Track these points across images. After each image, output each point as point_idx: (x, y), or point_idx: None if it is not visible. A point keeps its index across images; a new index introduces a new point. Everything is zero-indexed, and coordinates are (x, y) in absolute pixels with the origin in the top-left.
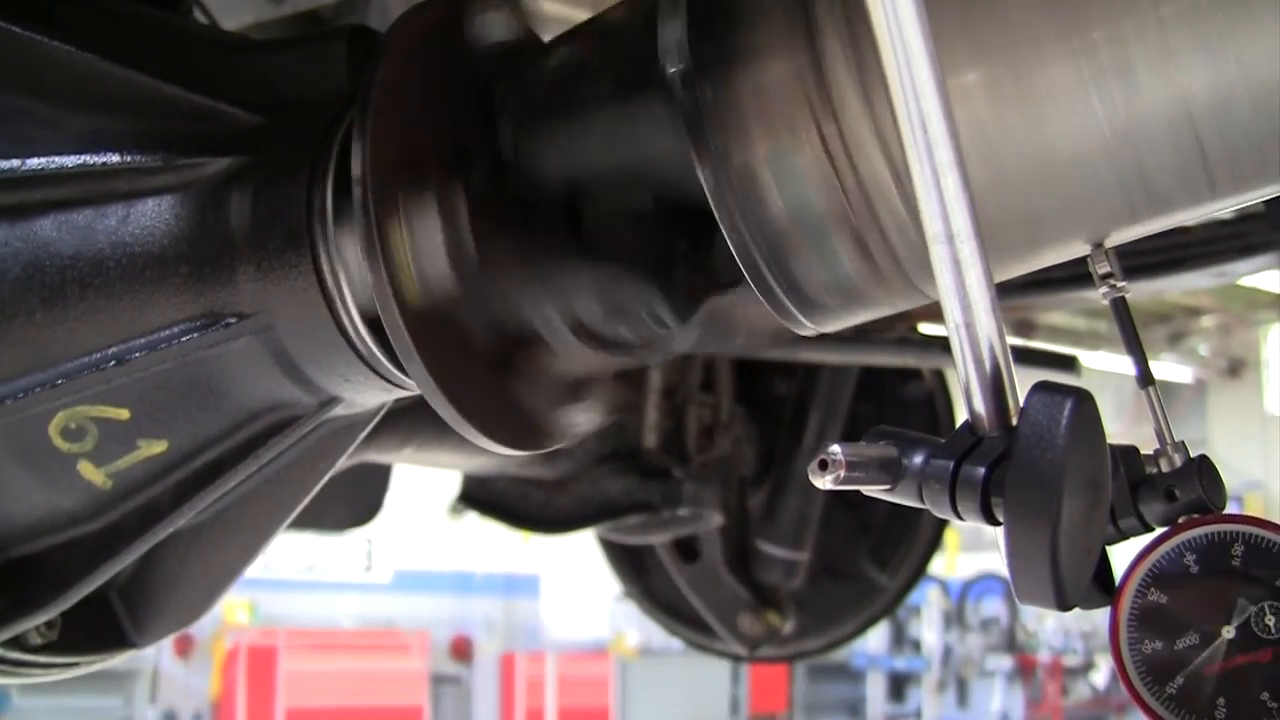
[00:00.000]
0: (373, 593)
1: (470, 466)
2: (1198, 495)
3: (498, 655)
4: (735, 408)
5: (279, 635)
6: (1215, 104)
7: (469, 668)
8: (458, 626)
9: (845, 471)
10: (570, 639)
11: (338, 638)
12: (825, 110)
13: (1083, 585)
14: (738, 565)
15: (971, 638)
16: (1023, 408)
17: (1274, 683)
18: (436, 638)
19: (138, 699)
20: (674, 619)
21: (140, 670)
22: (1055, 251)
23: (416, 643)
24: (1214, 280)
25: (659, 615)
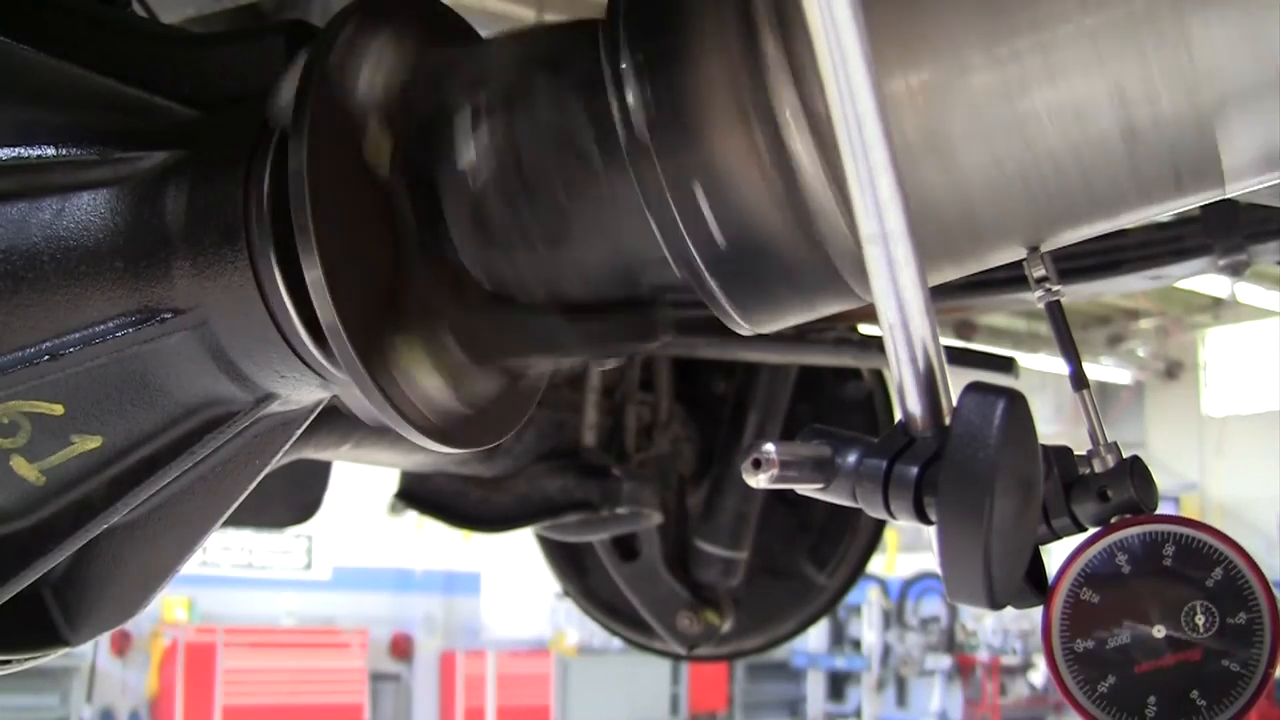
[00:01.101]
0: (312, 590)
1: (409, 464)
2: (1130, 496)
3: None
4: (674, 407)
5: (217, 633)
6: (1150, 111)
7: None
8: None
9: (779, 470)
10: (510, 637)
11: (277, 635)
12: (761, 112)
13: (1014, 584)
14: (676, 564)
15: (911, 637)
16: (955, 408)
17: (1204, 681)
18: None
19: (74, 697)
20: (612, 618)
21: (76, 668)
22: (991, 255)
23: (356, 640)
24: (1150, 283)
25: (597, 614)
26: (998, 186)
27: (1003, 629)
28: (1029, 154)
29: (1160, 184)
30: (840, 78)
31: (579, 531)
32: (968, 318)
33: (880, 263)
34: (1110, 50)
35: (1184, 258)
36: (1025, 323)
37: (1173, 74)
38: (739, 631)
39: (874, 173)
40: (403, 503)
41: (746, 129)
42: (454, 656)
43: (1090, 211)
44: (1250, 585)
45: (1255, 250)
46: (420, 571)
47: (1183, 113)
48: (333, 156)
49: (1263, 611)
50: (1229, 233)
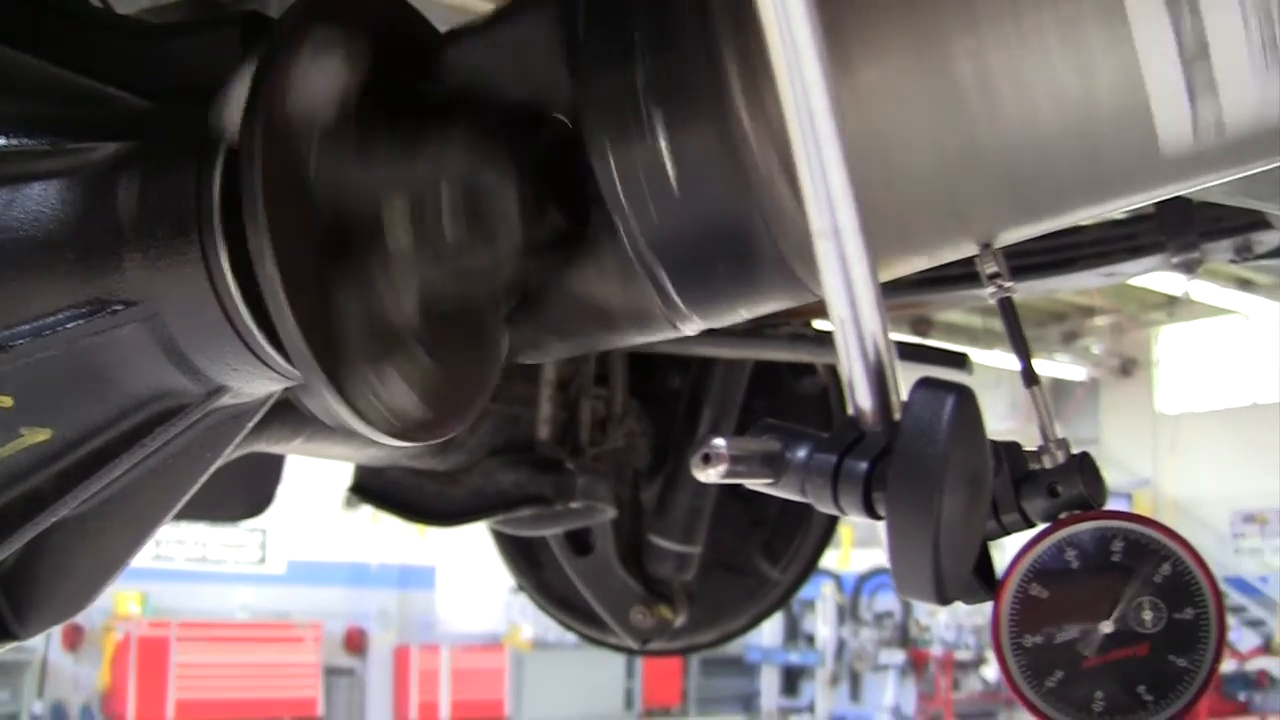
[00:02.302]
0: (266, 584)
1: (362, 458)
2: (1079, 492)
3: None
4: (629, 401)
5: (171, 627)
6: (1096, 108)
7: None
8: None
9: (728, 465)
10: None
11: (230, 630)
12: (715, 108)
13: (963, 579)
14: (630, 558)
15: (865, 632)
16: (905, 403)
17: (1151, 676)
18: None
19: (25, 692)
20: (566, 612)
21: (27, 662)
22: (944, 251)
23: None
24: (1104, 280)
25: (551, 608)
26: (949, 183)
27: (956, 624)
28: (979, 151)
29: (1109, 181)
30: (793, 74)
31: (533, 526)
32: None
33: (831, 257)
34: (1057, 48)
35: (1137, 255)
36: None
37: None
38: (692, 626)
39: (826, 168)
40: (357, 496)
41: (699, 124)
42: (408, 651)
43: (1041, 208)
44: (1197, 581)
45: (1208, 248)
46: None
47: (1129, 109)
48: (286, 149)
49: (1209, 607)
50: (1182, 230)
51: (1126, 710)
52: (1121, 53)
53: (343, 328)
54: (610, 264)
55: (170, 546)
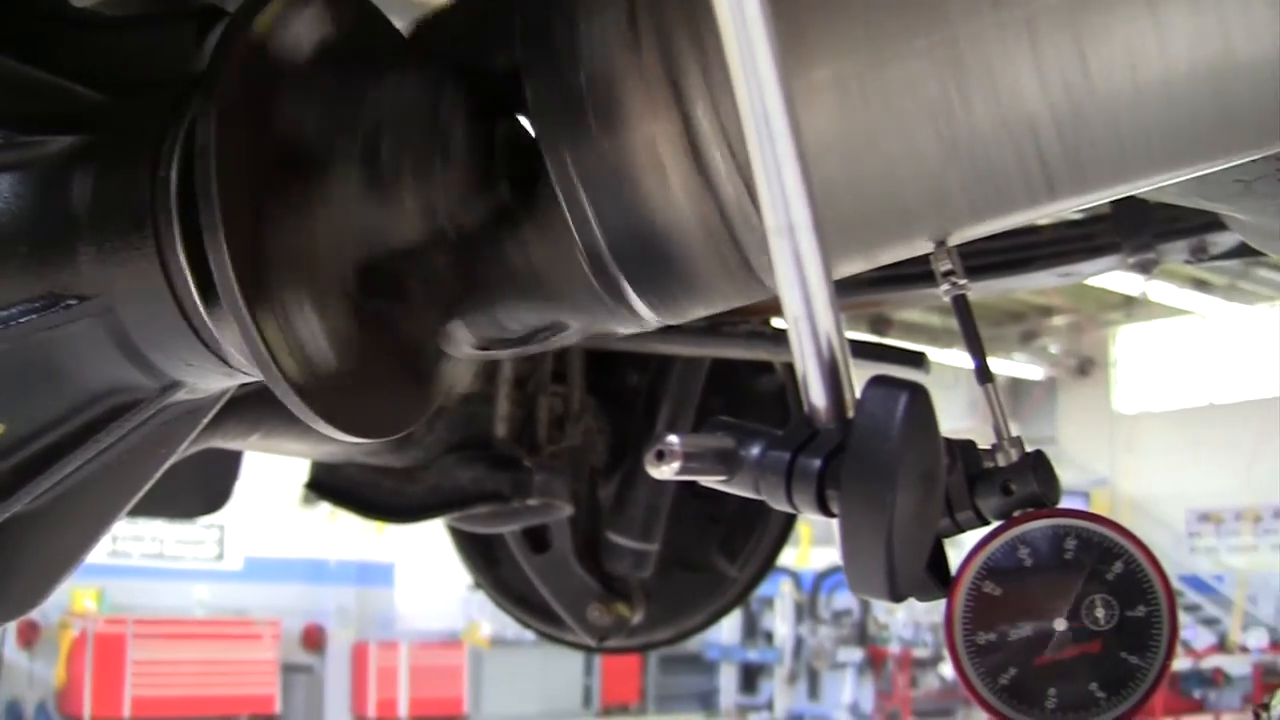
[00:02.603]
0: (224, 581)
1: (319, 454)
2: (1033, 490)
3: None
4: (587, 398)
5: (127, 623)
6: (1055, 108)
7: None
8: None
9: (682, 462)
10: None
11: (188, 626)
12: (672, 104)
13: (916, 576)
14: (587, 556)
15: (823, 630)
16: (859, 401)
17: (1103, 673)
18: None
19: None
20: (524, 609)
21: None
22: (898, 249)
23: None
24: (1060, 280)
25: (509, 605)
26: (904, 180)
27: (914, 622)
28: (935, 149)
29: (1066, 181)
30: (748, 71)
31: (490, 523)
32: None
33: (785, 255)
34: (1017, 46)
35: (1094, 255)
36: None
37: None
38: (650, 623)
39: (780, 165)
40: (313, 493)
41: (656, 121)
42: (367, 648)
43: (996, 207)
44: (1149, 579)
45: (1164, 249)
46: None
47: (1085, 109)
48: (243, 140)
49: (1161, 605)
50: (1138, 231)
51: (1079, 707)
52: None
53: (271, 268)
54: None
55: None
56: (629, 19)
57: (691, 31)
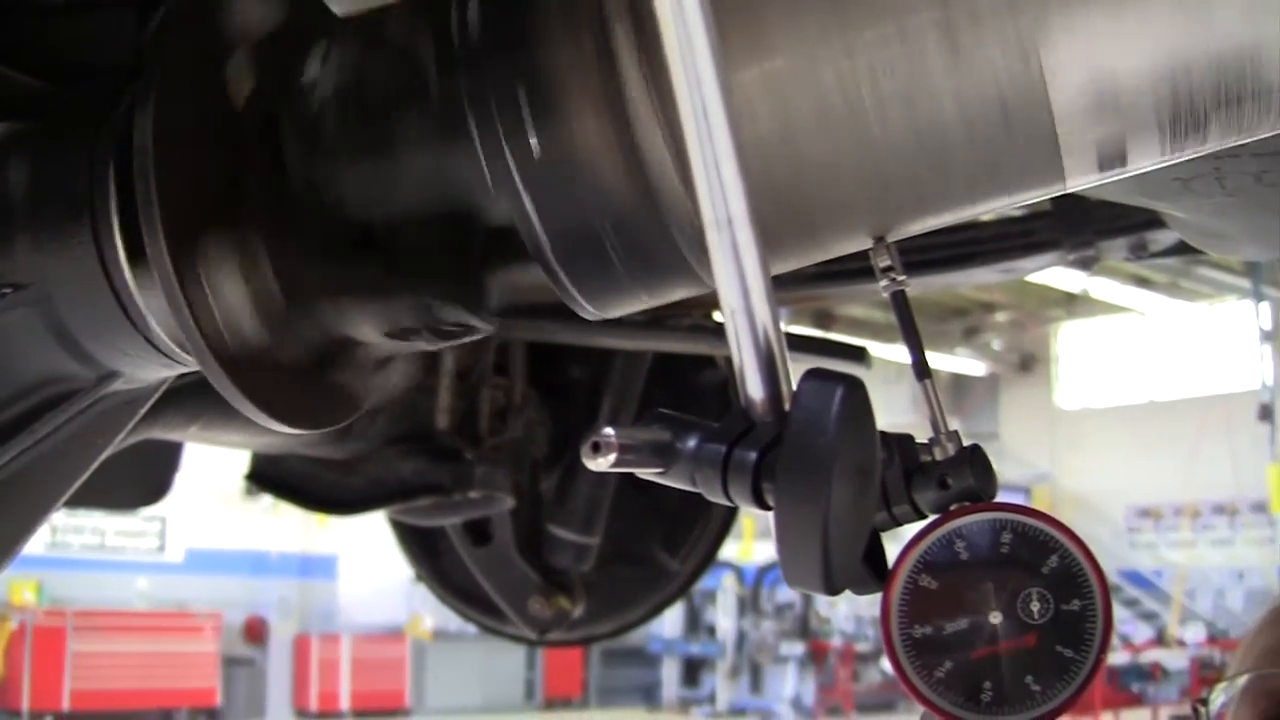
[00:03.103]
0: (165, 573)
1: (259, 445)
2: (969, 484)
3: (292, 637)
4: (529, 391)
5: (67, 616)
6: (992, 104)
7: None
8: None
9: (618, 454)
10: (366, 621)
11: (128, 619)
12: (611, 97)
13: (851, 570)
14: (529, 548)
15: (765, 624)
16: (794, 394)
17: (1039, 667)
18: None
19: None
20: (465, 602)
21: None
22: (837, 244)
23: (209, 624)
24: (1001, 276)
25: (450, 598)
26: (842, 175)
27: (856, 616)
28: (872, 144)
29: (1002, 176)
30: (685, 61)
31: (431, 515)
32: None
33: (722, 247)
34: (953, 41)
35: (1034, 252)
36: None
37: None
38: (591, 616)
39: (718, 158)
40: (253, 484)
41: (595, 111)
42: (309, 640)
43: (934, 202)
44: (1084, 572)
45: (1104, 246)
46: (275, 554)
47: (1025, 106)
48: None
49: (1095, 598)
50: (1078, 228)
51: (1014, 700)
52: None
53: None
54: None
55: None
56: (568, 11)
57: (632, 25)
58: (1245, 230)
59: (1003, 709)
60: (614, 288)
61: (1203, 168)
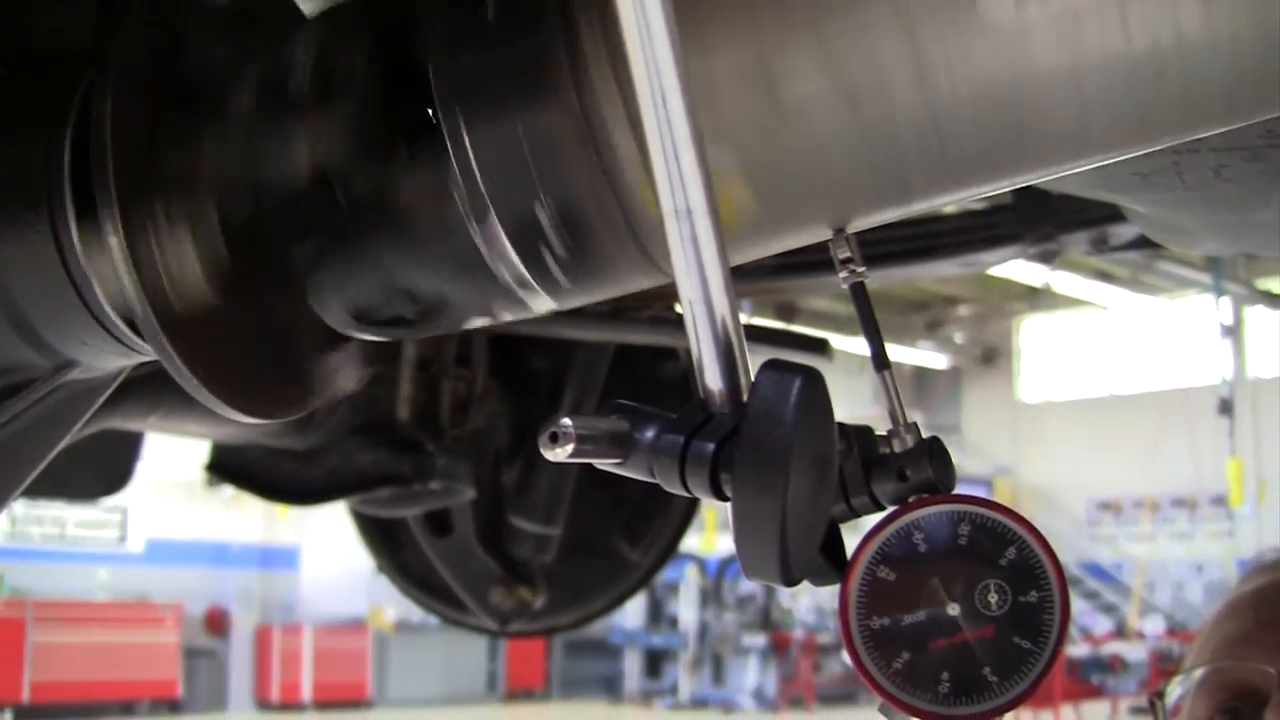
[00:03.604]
0: (126, 564)
1: (219, 435)
2: (928, 475)
3: (254, 628)
4: (490, 382)
5: (27, 607)
6: (952, 93)
7: (224, 641)
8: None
9: (576, 444)
10: (328, 612)
11: (89, 610)
12: (574, 85)
13: (809, 561)
14: (490, 540)
15: (728, 615)
16: (752, 385)
17: (996, 658)
18: (191, 610)
19: None
20: (426, 593)
21: None
22: (797, 235)
23: (170, 615)
24: (963, 269)
25: (411, 589)
26: (801, 167)
27: (817, 608)
28: (836, 136)
29: (968, 170)
30: (646, 53)
31: (392, 506)
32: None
33: (681, 238)
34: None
35: (996, 245)
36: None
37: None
38: (552, 608)
39: (677, 148)
40: (213, 475)
41: (557, 102)
42: (270, 631)
43: (896, 195)
44: (1042, 564)
45: (1065, 240)
46: (237, 545)
47: (984, 95)
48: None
49: (1053, 590)
50: (1040, 221)
51: (972, 691)
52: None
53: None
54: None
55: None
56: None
57: (597, 13)
58: (1205, 225)
59: (960, 700)
60: (572, 278)
61: (1162, 162)
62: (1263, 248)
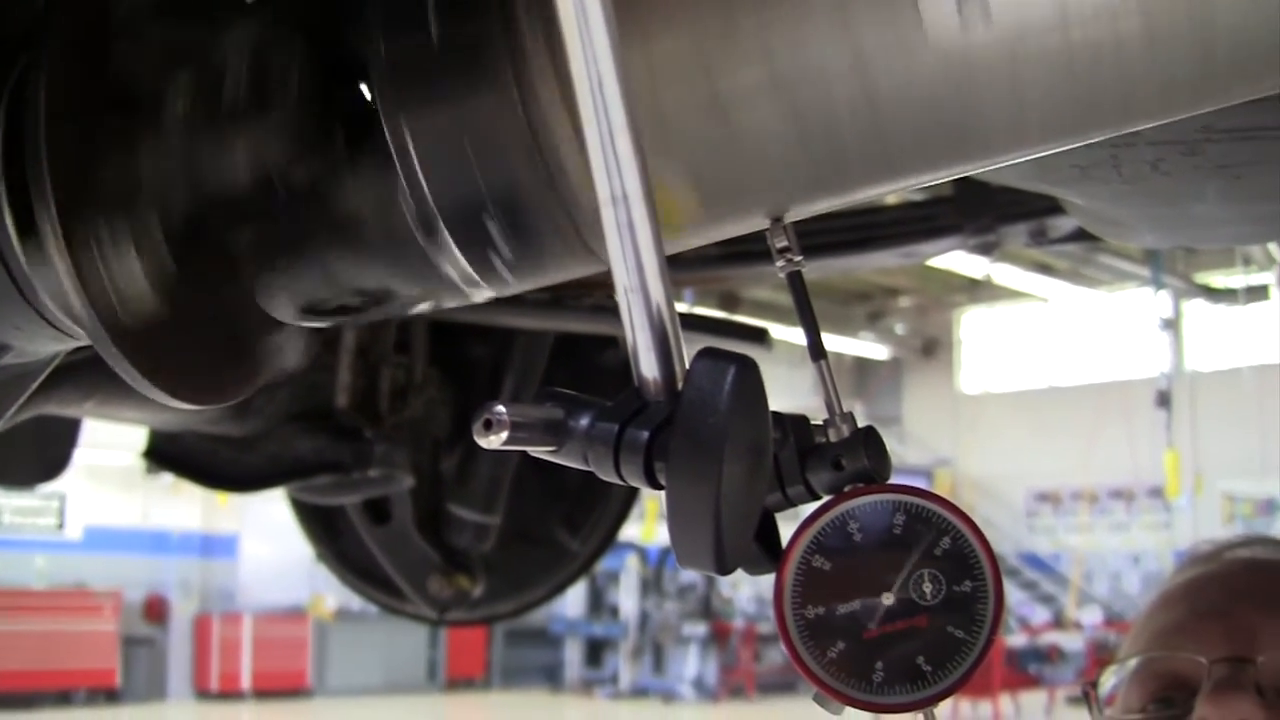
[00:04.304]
0: (63, 551)
1: (155, 421)
2: (863, 465)
3: (193, 617)
4: (430, 370)
5: None
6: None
7: (163, 629)
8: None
9: (509, 432)
10: (268, 601)
11: (25, 598)
12: (512, 71)
13: (743, 549)
14: (428, 528)
15: (668, 604)
16: (687, 373)
17: (930, 647)
18: (130, 598)
19: None
20: (365, 581)
21: None
22: (734, 224)
23: (108, 603)
24: (902, 260)
25: (350, 577)
26: (738, 156)
27: (758, 597)
28: (773, 124)
29: (906, 160)
30: (582, 36)
31: (331, 494)
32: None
33: (617, 225)
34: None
35: (936, 236)
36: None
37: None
38: (491, 596)
39: (614, 134)
40: (150, 461)
41: (496, 88)
42: (210, 620)
43: (834, 185)
44: (976, 554)
45: (1004, 231)
46: (176, 533)
47: (922, 87)
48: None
49: (987, 579)
50: (979, 213)
51: (906, 680)
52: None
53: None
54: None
55: None
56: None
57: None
58: (1142, 217)
59: (894, 689)
60: (509, 265)
61: (1100, 155)
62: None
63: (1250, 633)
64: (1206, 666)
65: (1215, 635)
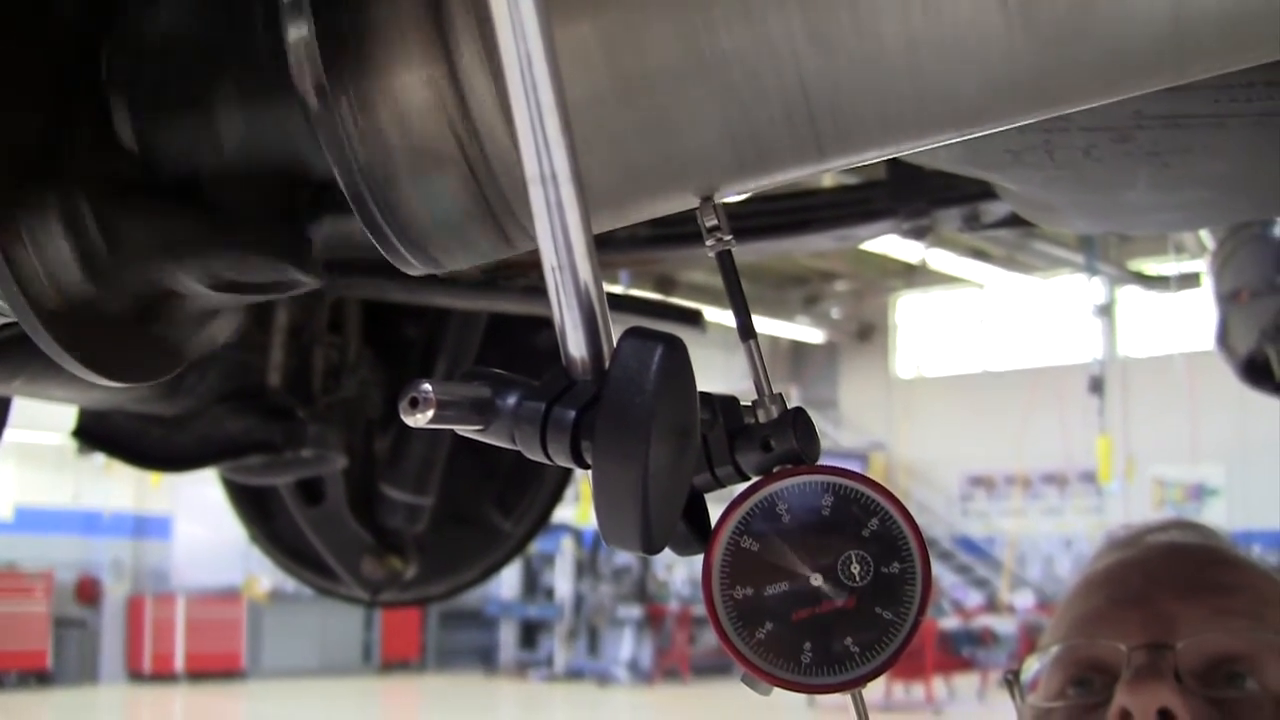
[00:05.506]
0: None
1: (85, 400)
2: (792, 446)
3: (125, 598)
4: (363, 349)
5: None
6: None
7: (95, 611)
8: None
9: (436, 410)
10: (201, 582)
11: None
12: (441, 47)
13: (670, 529)
14: (361, 509)
15: (603, 587)
16: (614, 352)
17: (857, 628)
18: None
19: None
20: (298, 562)
21: None
22: (663, 203)
23: (39, 584)
24: (836, 244)
25: (282, 558)
26: (670, 134)
27: (692, 580)
28: (702, 103)
29: (834, 142)
30: (511, 16)
31: (263, 474)
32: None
33: (545, 204)
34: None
35: (869, 220)
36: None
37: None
38: (424, 578)
39: (542, 113)
40: (80, 441)
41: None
42: (143, 601)
43: (763, 165)
44: (904, 536)
45: (938, 216)
46: (109, 513)
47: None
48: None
49: (915, 561)
50: (913, 197)
51: (833, 661)
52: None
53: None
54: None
55: None
56: None
57: None
58: (1073, 203)
59: (822, 670)
60: (437, 245)
61: (1033, 140)
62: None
63: (1169, 619)
64: (1126, 654)
65: (1134, 622)
